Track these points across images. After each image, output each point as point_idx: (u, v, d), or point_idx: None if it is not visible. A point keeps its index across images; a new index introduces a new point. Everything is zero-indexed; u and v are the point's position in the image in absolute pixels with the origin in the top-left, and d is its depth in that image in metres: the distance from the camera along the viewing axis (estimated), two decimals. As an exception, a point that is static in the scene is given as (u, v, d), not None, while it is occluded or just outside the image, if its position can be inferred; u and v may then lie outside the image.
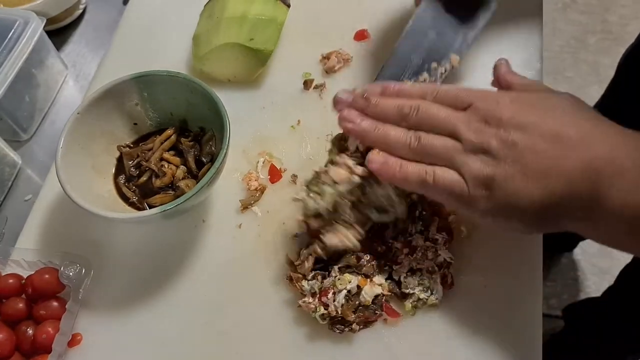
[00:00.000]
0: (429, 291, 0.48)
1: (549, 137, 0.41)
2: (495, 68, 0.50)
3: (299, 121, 0.61)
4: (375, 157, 0.44)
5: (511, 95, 0.45)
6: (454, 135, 0.43)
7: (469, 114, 0.44)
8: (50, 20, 0.69)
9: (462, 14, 0.56)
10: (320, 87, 0.63)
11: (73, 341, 0.49)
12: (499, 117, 0.42)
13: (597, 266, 1.40)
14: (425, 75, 0.55)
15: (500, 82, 0.49)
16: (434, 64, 0.55)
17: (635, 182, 0.39)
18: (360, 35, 0.67)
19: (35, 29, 0.61)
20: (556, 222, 0.42)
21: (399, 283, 0.49)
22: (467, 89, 0.46)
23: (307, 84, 0.63)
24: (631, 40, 0.90)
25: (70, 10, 0.73)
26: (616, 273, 1.00)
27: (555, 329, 1.19)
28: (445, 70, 0.55)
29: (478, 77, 0.61)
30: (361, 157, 0.47)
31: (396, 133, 0.45)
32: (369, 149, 0.46)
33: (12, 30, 0.60)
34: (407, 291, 0.48)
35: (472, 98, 0.44)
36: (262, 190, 0.56)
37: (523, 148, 0.41)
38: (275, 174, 0.57)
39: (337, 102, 0.47)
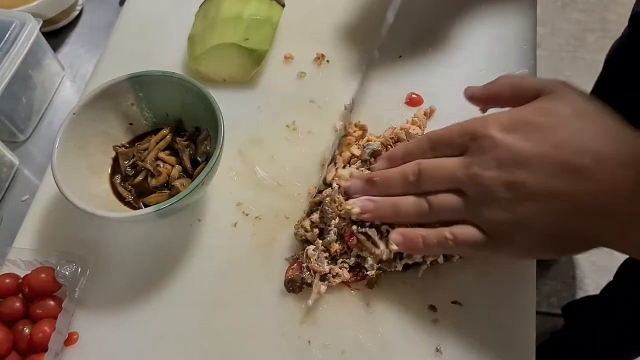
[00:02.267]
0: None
1: (558, 170, 0.39)
2: (469, 95, 0.48)
3: (294, 121, 0.61)
4: (396, 238, 0.46)
5: (503, 122, 0.42)
6: (460, 190, 0.43)
7: (468, 162, 0.42)
8: (46, 22, 0.70)
9: None
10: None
11: (69, 340, 0.49)
12: (497, 159, 0.40)
13: (597, 264, 1.40)
14: None
15: (484, 101, 0.47)
16: None
17: None
18: (355, 35, 0.67)
19: (32, 30, 0.61)
20: (585, 244, 0.41)
21: None
22: (458, 129, 0.44)
23: (302, 83, 0.63)
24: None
25: (66, 12, 0.74)
26: (615, 271, 1.00)
27: (555, 328, 1.19)
28: None
29: (473, 75, 0.62)
30: None
31: (407, 206, 0.45)
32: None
33: (9, 32, 0.60)
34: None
35: (465, 140, 0.43)
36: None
37: (533, 188, 0.39)
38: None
39: (352, 192, 0.49)
